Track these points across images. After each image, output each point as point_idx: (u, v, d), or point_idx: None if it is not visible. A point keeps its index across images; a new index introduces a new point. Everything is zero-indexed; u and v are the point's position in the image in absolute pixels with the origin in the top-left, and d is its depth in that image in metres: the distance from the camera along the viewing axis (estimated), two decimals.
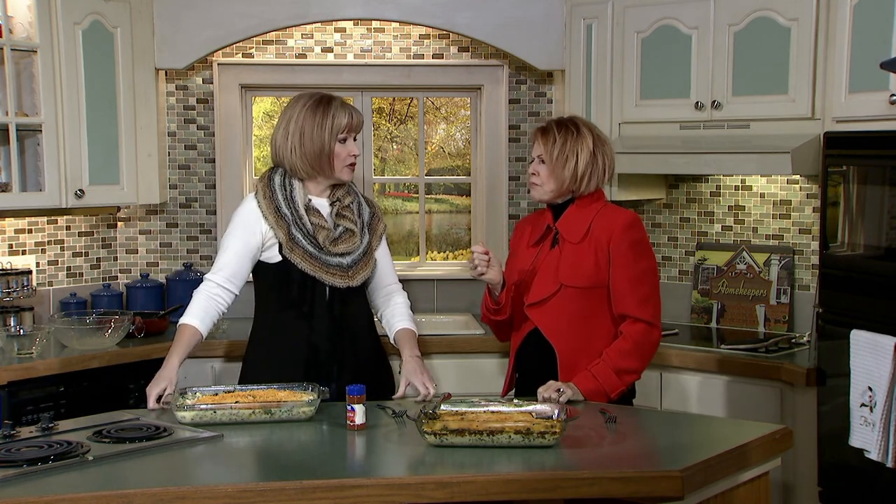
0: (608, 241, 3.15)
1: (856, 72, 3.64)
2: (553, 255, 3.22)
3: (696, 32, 4.18)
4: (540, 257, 3.24)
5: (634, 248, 3.16)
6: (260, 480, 2.42)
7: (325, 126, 3.27)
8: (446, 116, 5.36)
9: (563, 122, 3.26)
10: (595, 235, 3.17)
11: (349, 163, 3.31)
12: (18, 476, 2.40)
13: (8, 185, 4.08)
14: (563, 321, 3.16)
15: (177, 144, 4.84)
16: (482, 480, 2.39)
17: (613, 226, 3.17)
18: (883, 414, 3.18)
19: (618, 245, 3.15)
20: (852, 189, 3.53)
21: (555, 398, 2.96)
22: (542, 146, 3.23)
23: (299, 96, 3.36)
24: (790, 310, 4.32)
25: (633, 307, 3.12)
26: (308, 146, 3.28)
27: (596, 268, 3.15)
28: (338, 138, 3.28)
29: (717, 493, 2.57)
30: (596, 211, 3.22)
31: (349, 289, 3.31)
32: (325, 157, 3.28)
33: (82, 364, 3.93)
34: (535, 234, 3.30)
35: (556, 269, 3.18)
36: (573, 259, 3.17)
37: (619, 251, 3.15)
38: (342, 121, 3.28)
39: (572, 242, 3.19)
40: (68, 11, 4.18)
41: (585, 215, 3.21)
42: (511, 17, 4.63)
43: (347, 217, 3.34)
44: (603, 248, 3.16)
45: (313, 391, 3.01)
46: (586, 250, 3.17)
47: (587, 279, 3.16)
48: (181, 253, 4.86)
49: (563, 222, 3.23)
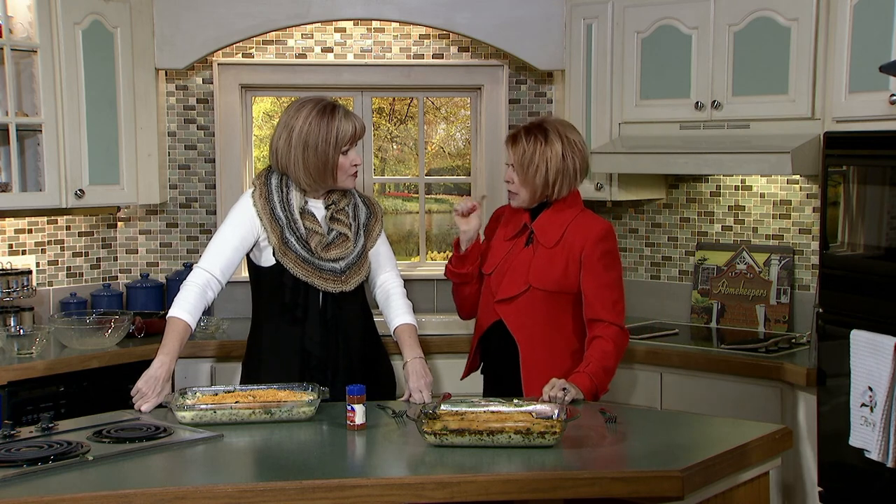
0: (581, 250, 3.24)
1: (856, 72, 3.64)
2: (526, 254, 3.30)
3: (696, 32, 4.18)
4: (513, 253, 3.32)
5: (605, 258, 3.26)
6: (260, 480, 2.42)
7: (329, 140, 3.21)
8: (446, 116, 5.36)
9: (531, 129, 3.30)
10: (568, 242, 3.26)
11: (352, 172, 3.29)
12: (18, 476, 2.40)
13: (8, 185, 4.08)
14: (528, 319, 3.26)
15: (177, 144, 4.84)
16: (482, 480, 2.39)
17: (588, 235, 3.25)
18: (883, 414, 3.18)
19: (590, 255, 3.24)
20: (852, 189, 3.53)
21: (560, 396, 2.98)
22: (511, 155, 3.30)
23: (302, 103, 3.28)
24: (790, 310, 4.32)
25: (607, 313, 3.22)
26: (312, 160, 3.22)
27: (565, 274, 3.24)
28: (341, 150, 3.25)
29: (717, 493, 2.57)
30: (572, 217, 3.29)
31: (343, 293, 3.30)
32: (329, 170, 3.25)
33: (82, 364, 3.93)
34: (511, 228, 3.37)
35: (526, 270, 3.27)
36: (544, 262, 3.26)
37: (591, 261, 3.24)
38: (346, 133, 3.23)
39: (546, 246, 3.27)
40: (68, 11, 4.18)
41: (561, 220, 3.29)
42: (511, 17, 4.63)
43: (342, 221, 3.31)
44: (575, 256, 3.24)
45: (313, 391, 3.01)
46: (558, 256, 3.25)
47: (554, 284, 3.25)
48: (181, 253, 4.87)
49: (539, 224, 3.31)
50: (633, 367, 4.10)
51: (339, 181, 3.29)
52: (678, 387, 4.01)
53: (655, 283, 4.79)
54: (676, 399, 4.00)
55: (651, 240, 4.81)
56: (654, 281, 4.79)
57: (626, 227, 4.86)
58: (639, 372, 4.10)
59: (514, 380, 3.27)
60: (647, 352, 4.07)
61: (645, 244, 4.82)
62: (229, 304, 4.61)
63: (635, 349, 4.09)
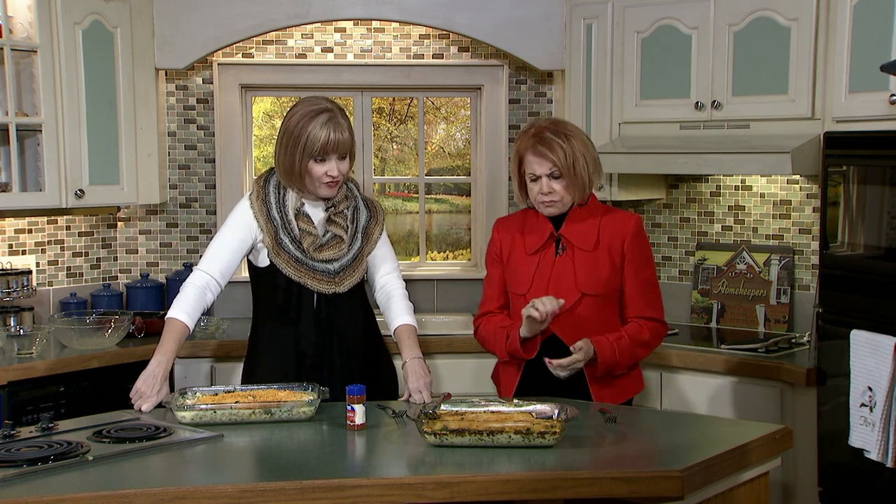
0: (622, 246, 3.17)
1: (856, 72, 3.64)
2: (562, 263, 3.18)
3: (696, 32, 4.18)
4: (544, 265, 3.19)
5: (646, 252, 3.22)
6: (260, 480, 2.42)
7: (297, 143, 3.18)
8: (446, 116, 5.35)
9: (546, 132, 3.14)
10: (606, 241, 3.17)
11: (325, 181, 3.22)
12: (18, 476, 2.40)
13: (8, 185, 4.08)
14: (583, 329, 3.13)
15: (177, 144, 4.84)
16: (482, 480, 2.38)
17: (625, 230, 3.18)
18: (883, 414, 3.18)
19: (632, 249, 3.18)
20: (852, 189, 3.53)
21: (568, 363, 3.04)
22: (549, 161, 3.11)
23: (301, 102, 3.28)
24: (790, 310, 4.32)
25: (650, 310, 3.19)
26: (283, 159, 3.23)
27: (612, 274, 3.17)
28: (314, 157, 3.19)
29: (717, 493, 2.57)
30: (600, 215, 3.21)
31: (337, 295, 3.30)
32: (296, 174, 3.22)
33: (82, 364, 3.93)
34: (534, 241, 3.22)
35: (573, 278, 3.15)
36: (589, 267, 3.16)
37: (633, 255, 3.18)
38: (315, 141, 3.17)
39: (585, 250, 3.17)
40: (68, 11, 4.18)
41: (591, 221, 3.19)
42: (511, 17, 4.63)
43: (339, 224, 3.31)
44: (617, 254, 3.17)
45: (313, 391, 3.01)
46: (602, 257, 3.16)
47: (605, 286, 3.17)
48: (181, 253, 4.87)
49: (569, 229, 3.19)
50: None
51: (311, 188, 3.24)
52: (678, 387, 4.01)
53: None
54: (676, 399, 4.00)
55: (651, 240, 4.78)
56: None
57: None
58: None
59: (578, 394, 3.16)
60: None
61: None
62: (229, 304, 4.62)
63: None
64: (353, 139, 3.27)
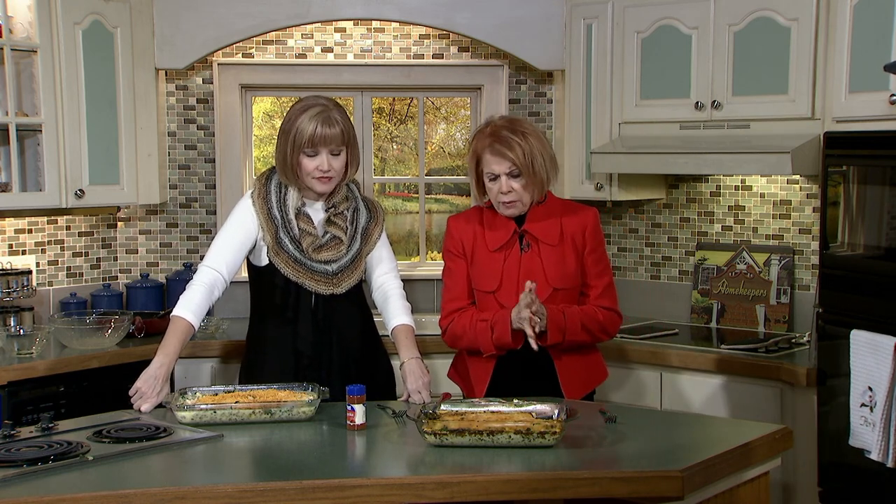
0: (583, 237, 3.22)
1: (856, 72, 3.64)
2: (528, 259, 3.20)
3: (696, 32, 4.18)
4: (511, 262, 3.20)
5: (602, 244, 3.27)
6: (260, 480, 2.42)
7: (287, 136, 3.21)
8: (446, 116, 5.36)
9: (503, 130, 3.13)
10: (569, 235, 3.22)
11: (317, 176, 3.22)
12: (18, 476, 2.40)
13: (8, 185, 4.08)
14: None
15: (177, 144, 4.84)
16: (482, 480, 2.39)
17: (585, 222, 3.23)
18: (883, 414, 3.18)
19: (591, 241, 3.23)
20: (852, 189, 3.52)
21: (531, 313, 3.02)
22: (508, 160, 3.10)
23: (298, 100, 3.30)
24: (790, 310, 4.32)
25: (607, 300, 3.24)
26: (277, 153, 3.27)
27: (577, 267, 3.22)
28: (303, 151, 3.20)
29: (717, 493, 2.57)
30: (560, 209, 3.25)
31: (335, 295, 3.30)
32: (288, 167, 3.23)
33: (82, 364, 3.93)
34: (498, 238, 3.22)
35: (542, 274, 3.17)
36: (557, 261, 3.19)
37: (592, 247, 3.23)
38: (303, 133, 3.17)
39: (550, 245, 3.19)
40: (68, 11, 4.18)
41: (552, 214, 3.23)
42: (511, 17, 4.63)
43: (338, 224, 3.31)
44: (580, 246, 3.22)
45: (313, 391, 3.01)
46: (567, 251, 3.21)
47: (573, 279, 3.22)
48: (181, 253, 4.87)
49: (533, 224, 3.20)
50: (633, 367, 4.10)
51: (304, 182, 3.25)
52: (678, 387, 4.01)
53: (655, 283, 4.79)
54: (676, 399, 4.00)
55: (651, 240, 4.81)
56: (654, 281, 4.79)
57: (626, 227, 4.86)
58: (639, 372, 4.10)
59: (546, 390, 3.18)
60: (647, 352, 4.07)
61: (645, 244, 4.82)
62: (229, 304, 4.61)
63: (635, 349, 4.09)
64: (351, 136, 3.27)
